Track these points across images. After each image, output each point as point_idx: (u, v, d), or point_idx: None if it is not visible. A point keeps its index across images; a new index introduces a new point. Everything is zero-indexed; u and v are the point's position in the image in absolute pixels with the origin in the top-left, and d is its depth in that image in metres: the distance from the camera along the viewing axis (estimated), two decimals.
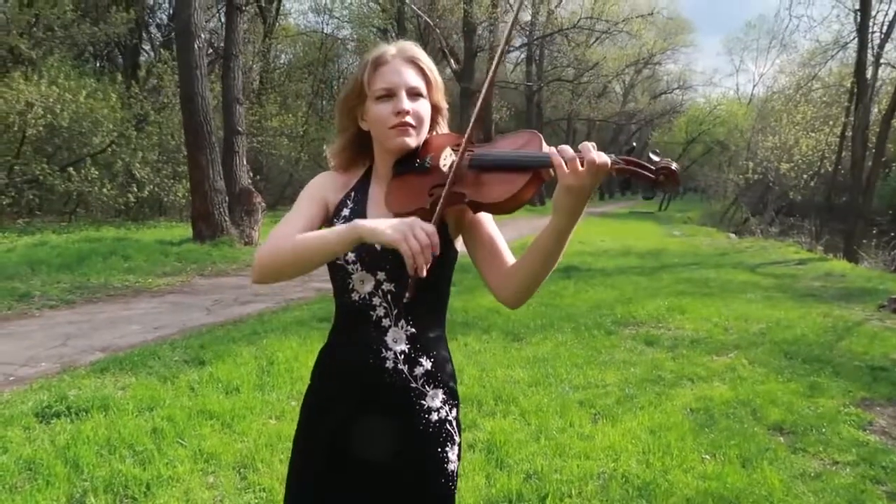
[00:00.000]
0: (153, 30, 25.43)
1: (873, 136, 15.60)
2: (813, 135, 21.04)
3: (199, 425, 3.70)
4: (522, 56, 36.15)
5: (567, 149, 1.22)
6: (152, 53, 22.53)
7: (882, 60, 16.08)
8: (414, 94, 1.42)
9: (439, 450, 1.45)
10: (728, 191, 33.18)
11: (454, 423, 1.49)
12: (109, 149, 15.98)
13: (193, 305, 7.50)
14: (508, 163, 1.31)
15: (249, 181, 13.12)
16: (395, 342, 1.43)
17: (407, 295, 1.32)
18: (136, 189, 15.61)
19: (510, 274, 1.38)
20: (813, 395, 4.60)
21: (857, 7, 14.97)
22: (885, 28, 15.19)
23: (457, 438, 1.49)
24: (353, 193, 1.50)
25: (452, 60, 24.58)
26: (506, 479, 3.11)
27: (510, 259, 1.42)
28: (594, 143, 1.21)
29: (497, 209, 1.31)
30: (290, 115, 21.90)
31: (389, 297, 1.42)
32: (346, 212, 1.47)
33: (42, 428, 3.66)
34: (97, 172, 15.18)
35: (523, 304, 1.41)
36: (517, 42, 30.82)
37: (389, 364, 1.43)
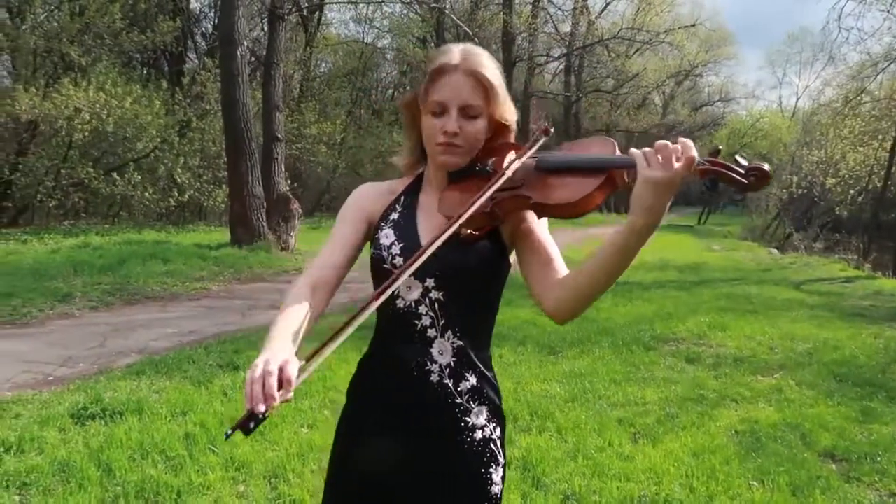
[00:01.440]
0: (198, 38, 25.96)
1: None
2: (861, 149, 20.41)
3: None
4: (561, 67, 35.95)
5: (648, 149, 1.18)
6: (197, 61, 22.97)
7: None
8: (468, 113, 1.34)
9: (483, 470, 1.37)
10: (770, 205, 32.36)
11: (499, 443, 1.41)
12: (153, 154, 16.31)
13: (229, 309, 7.54)
14: (579, 165, 1.27)
15: (287, 188, 13.24)
16: (441, 354, 1.35)
17: (226, 436, 1.10)
18: (177, 194, 15.90)
19: (565, 284, 1.29)
20: (866, 420, 4.38)
21: None
22: None
23: (501, 459, 1.41)
24: (402, 198, 1.45)
25: None
26: (542, 499, 3.00)
27: (563, 269, 1.34)
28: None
29: (564, 212, 1.25)
30: (329, 123, 22.08)
31: (437, 306, 1.35)
32: (394, 216, 1.42)
33: (77, 430, 3.67)
34: (140, 177, 15.51)
35: (575, 318, 1.32)
36: (556, 52, 30.68)
37: (434, 378, 1.35)
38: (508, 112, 1.39)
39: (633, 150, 1.19)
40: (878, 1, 15.96)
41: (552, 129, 1.34)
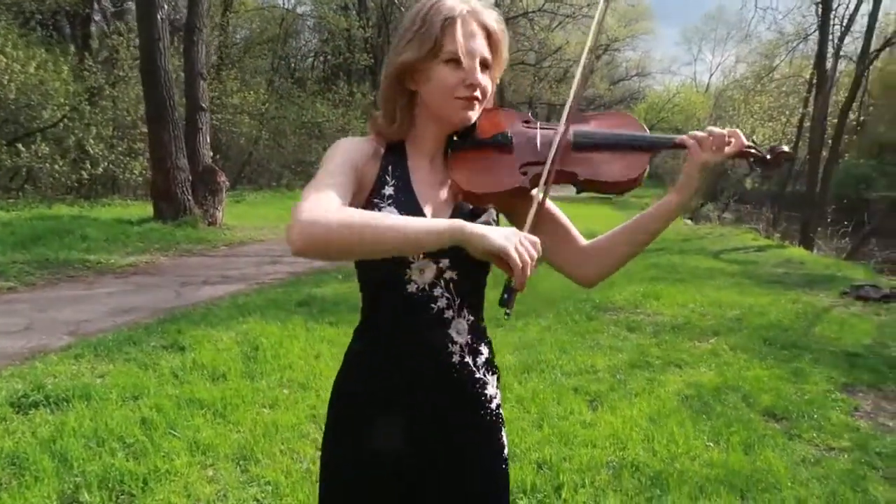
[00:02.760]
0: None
1: (830, 128, 16.06)
2: (770, 124, 21.51)
3: (191, 415, 3.55)
4: None
5: (696, 132, 1.29)
6: (105, 24, 21.56)
7: (841, 53, 16.53)
8: (484, 65, 1.27)
9: (499, 436, 1.40)
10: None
11: (501, 406, 1.42)
12: (61, 123, 15.26)
13: (161, 286, 7.23)
14: (624, 142, 1.29)
15: (211, 160, 12.71)
16: (459, 334, 1.31)
17: (507, 312, 1.17)
18: (89, 166, 14.96)
19: (596, 252, 1.36)
20: (797, 381, 4.68)
21: (820, 0, 15.34)
22: (845, 21, 15.63)
23: (503, 421, 1.42)
24: (389, 168, 1.30)
25: None
26: (518, 469, 3.05)
27: (580, 237, 1.39)
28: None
29: (612, 189, 1.27)
30: (252, 93, 21.28)
31: (451, 286, 1.29)
32: (388, 190, 1.28)
33: (20, 419, 3.45)
34: (48, 148, 14.49)
35: (603, 280, 1.40)
36: None
37: (456, 358, 1.31)
38: (501, 71, 1.35)
39: (682, 136, 1.28)
40: None
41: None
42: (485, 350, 1.37)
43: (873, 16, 13.54)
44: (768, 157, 1.28)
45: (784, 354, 5.35)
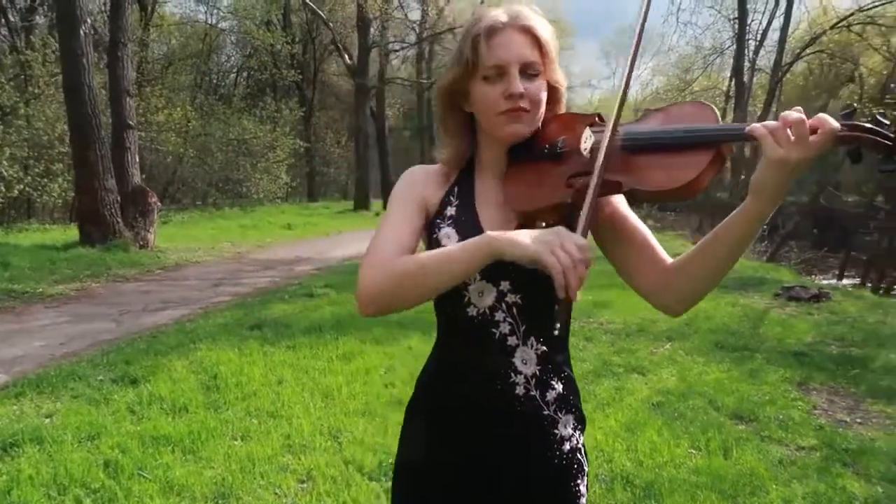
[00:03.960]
0: (11, 14, 23.08)
1: None
2: None
3: (158, 453, 3.32)
4: (409, 53, 36.05)
5: (770, 122, 1.01)
6: (13, 39, 20.40)
7: (756, 66, 17.48)
8: (528, 72, 1.19)
9: (572, 484, 1.28)
10: None
11: (583, 451, 1.32)
12: None
13: (98, 315, 6.83)
14: (678, 140, 1.07)
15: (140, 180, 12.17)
16: (525, 364, 1.23)
17: (557, 326, 1.04)
18: (3, 189, 14.07)
19: (680, 273, 1.16)
20: (755, 381, 4.83)
21: (736, 16, 16.18)
22: (759, 36, 16.55)
23: (586, 468, 1.32)
24: (455, 188, 1.28)
25: (346, 56, 24.10)
26: None
27: (665, 255, 1.21)
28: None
29: (666, 198, 1.09)
30: (179, 109, 20.58)
31: (515, 310, 1.21)
32: (450, 210, 1.26)
33: None
34: None
35: (690, 308, 1.20)
36: (409, 39, 30.72)
37: (520, 390, 1.23)
38: (560, 74, 1.26)
39: (754, 125, 1.02)
40: None
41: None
42: (558, 385, 1.27)
43: (784, 30, 14.37)
44: (888, 140, 0.95)
45: (737, 356, 5.52)
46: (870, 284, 12.78)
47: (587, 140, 1.17)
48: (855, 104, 1.05)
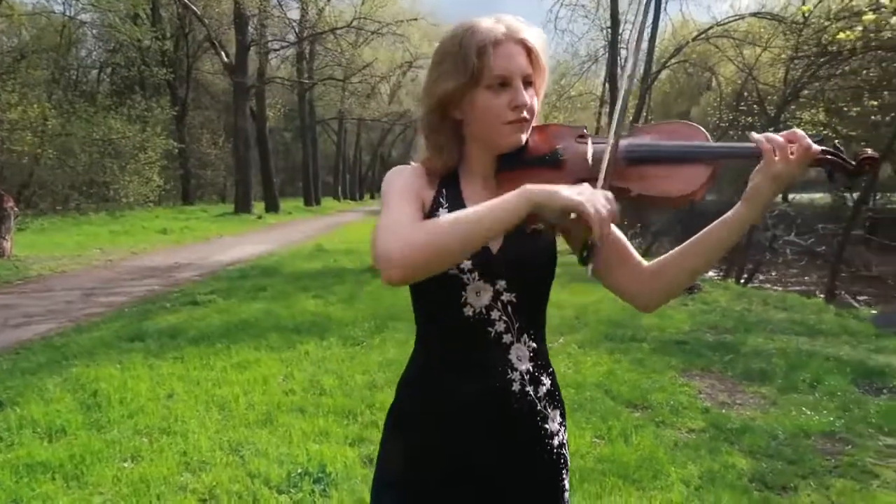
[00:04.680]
0: None
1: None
2: None
3: (36, 483, 3.01)
4: (288, 53, 35.20)
5: (774, 136, 1.14)
6: None
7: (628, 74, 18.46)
8: (527, 83, 1.22)
9: (560, 478, 1.30)
10: None
11: (566, 446, 1.35)
12: None
13: None
14: (680, 154, 1.18)
15: None
16: (520, 360, 1.25)
17: (591, 268, 1.09)
18: None
19: (659, 276, 1.26)
20: (644, 370, 5.09)
21: (609, 25, 17.05)
22: (630, 43, 17.45)
23: (568, 462, 1.36)
24: (443, 192, 1.27)
25: (223, 53, 23.13)
26: None
27: (641, 258, 1.30)
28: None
29: (666, 204, 1.19)
30: (34, 107, 18.90)
31: (510, 308, 1.23)
32: (443, 213, 1.24)
33: None
34: None
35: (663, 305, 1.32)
36: (290, 38, 29.97)
37: (516, 387, 1.24)
38: (544, 85, 1.29)
39: (754, 135, 1.16)
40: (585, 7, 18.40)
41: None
42: (547, 381, 1.29)
43: (652, 40, 15.32)
44: (852, 164, 1.15)
45: (625, 347, 5.80)
46: (733, 276, 13.87)
47: (590, 149, 1.23)
48: (822, 132, 1.28)
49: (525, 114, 1.21)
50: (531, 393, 1.26)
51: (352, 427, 3.82)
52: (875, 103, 12.93)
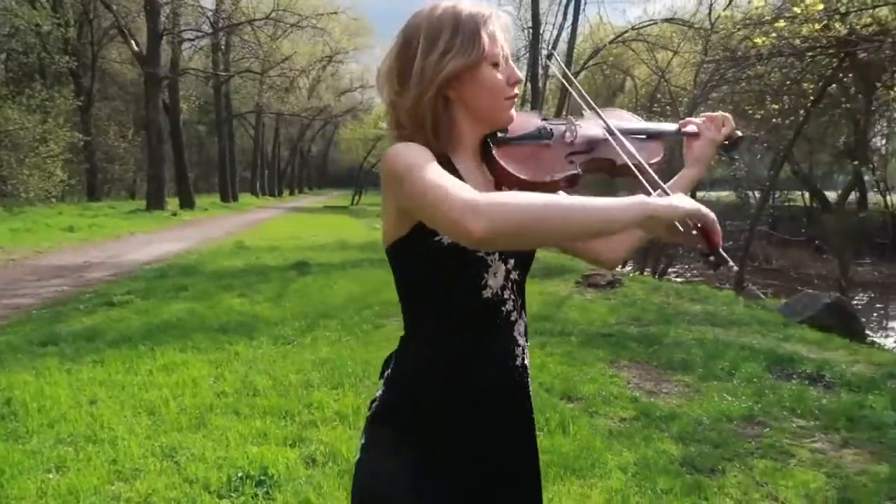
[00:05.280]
0: None
1: None
2: None
3: None
4: (202, 43, 33.94)
5: (709, 114, 1.48)
6: None
7: (549, 73, 18.97)
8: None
9: (535, 442, 1.39)
10: None
11: None
12: None
13: None
14: (643, 132, 1.42)
15: None
16: (521, 335, 1.32)
17: (732, 265, 1.10)
18: None
19: (623, 237, 1.41)
20: (576, 363, 5.23)
21: (530, 25, 17.39)
22: (550, 45, 17.98)
23: None
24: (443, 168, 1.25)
25: (133, 42, 22.07)
26: None
27: None
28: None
29: (633, 174, 1.31)
30: None
31: (515, 286, 1.29)
32: None
33: None
34: None
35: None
36: (208, 27, 28.92)
37: (519, 361, 1.31)
38: None
39: (690, 119, 1.49)
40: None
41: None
42: (527, 352, 1.37)
43: (571, 42, 15.74)
44: (739, 134, 1.50)
45: (555, 341, 5.94)
46: (648, 270, 14.45)
47: (565, 126, 1.35)
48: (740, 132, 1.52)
49: (518, 90, 1.29)
50: (527, 365, 1.34)
51: (290, 427, 3.74)
52: (776, 107, 13.77)
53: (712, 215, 1.03)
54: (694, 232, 1.04)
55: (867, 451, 3.67)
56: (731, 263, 1.08)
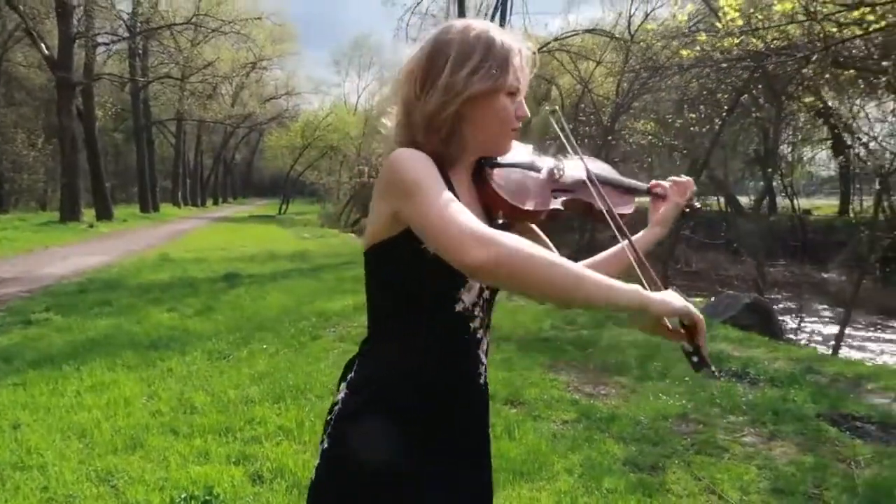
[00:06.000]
0: None
1: None
2: None
3: None
4: (117, 48, 32.56)
5: (676, 179, 1.58)
6: None
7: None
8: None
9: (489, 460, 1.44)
10: (342, 194, 35.41)
11: None
12: None
13: None
14: (624, 185, 1.49)
15: None
16: (485, 354, 1.35)
17: (716, 371, 1.21)
18: None
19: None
20: (516, 368, 5.31)
21: None
22: None
23: None
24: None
25: (42, 45, 20.99)
26: None
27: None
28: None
29: (612, 221, 1.36)
30: None
31: (485, 304, 1.31)
32: None
33: None
34: None
35: None
36: (124, 31, 27.78)
37: (482, 379, 1.35)
38: None
39: (659, 182, 1.57)
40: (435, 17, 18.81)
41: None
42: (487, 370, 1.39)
43: None
44: (697, 206, 1.60)
45: (494, 347, 6.00)
46: None
47: (551, 164, 1.40)
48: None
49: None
50: (488, 382, 1.38)
51: (233, 445, 3.64)
52: (693, 116, 14.43)
53: (701, 317, 1.10)
54: (682, 330, 1.10)
55: (793, 442, 3.89)
56: (714, 369, 1.15)
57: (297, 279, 10.36)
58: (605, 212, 1.32)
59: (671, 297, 1.10)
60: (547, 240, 1.45)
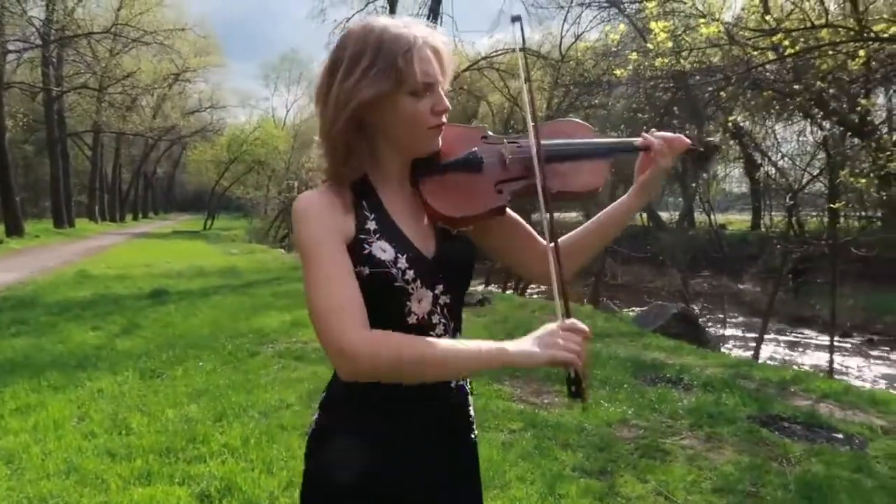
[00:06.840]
0: None
1: None
2: None
3: None
4: (29, 56, 30.96)
5: (651, 135, 1.38)
6: None
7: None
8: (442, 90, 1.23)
9: (477, 462, 1.39)
10: (270, 208, 34.73)
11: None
12: None
13: None
14: (587, 151, 1.33)
15: None
16: None
17: (584, 401, 1.16)
18: None
19: (567, 254, 1.30)
20: None
21: None
22: None
23: None
24: (363, 203, 1.22)
25: None
26: None
27: (541, 240, 1.35)
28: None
29: (579, 198, 1.34)
30: None
31: (446, 310, 1.25)
32: (372, 225, 1.20)
33: None
34: None
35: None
36: (36, 39, 26.43)
37: (453, 383, 1.29)
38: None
39: (645, 135, 1.38)
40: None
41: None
42: (468, 379, 1.35)
43: None
44: (702, 149, 1.42)
45: None
46: (511, 288, 15.03)
47: (502, 149, 1.29)
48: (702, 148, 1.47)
49: (444, 118, 1.23)
50: (464, 386, 1.33)
51: (176, 465, 3.50)
52: (616, 135, 14.94)
53: (570, 356, 1.11)
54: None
55: (729, 444, 4.06)
56: (585, 402, 1.16)
57: (228, 295, 10.08)
58: (542, 208, 1.18)
59: (533, 348, 1.12)
60: (525, 224, 1.41)
